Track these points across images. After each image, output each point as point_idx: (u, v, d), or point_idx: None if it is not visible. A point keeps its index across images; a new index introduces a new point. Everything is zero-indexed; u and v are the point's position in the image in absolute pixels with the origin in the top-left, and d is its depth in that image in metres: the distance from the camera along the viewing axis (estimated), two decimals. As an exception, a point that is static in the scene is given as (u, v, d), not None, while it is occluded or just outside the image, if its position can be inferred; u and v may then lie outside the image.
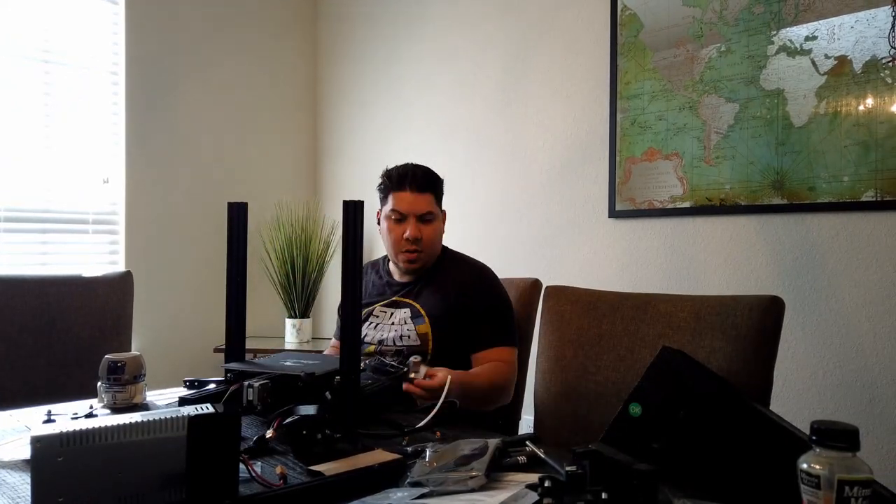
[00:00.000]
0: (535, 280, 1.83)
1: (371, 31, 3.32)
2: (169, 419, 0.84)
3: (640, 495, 0.78)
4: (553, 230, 2.56)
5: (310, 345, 3.16)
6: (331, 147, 3.56)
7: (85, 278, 2.03)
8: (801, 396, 1.94)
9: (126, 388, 1.37)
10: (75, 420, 1.01)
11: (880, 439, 1.81)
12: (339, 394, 1.21)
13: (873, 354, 1.83)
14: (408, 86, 3.13)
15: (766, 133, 2.00)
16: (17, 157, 2.71)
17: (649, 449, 0.95)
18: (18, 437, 1.11)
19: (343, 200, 1.26)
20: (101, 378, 1.37)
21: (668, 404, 0.99)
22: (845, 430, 0.69)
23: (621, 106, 2.33)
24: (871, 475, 0.68)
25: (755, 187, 2.03)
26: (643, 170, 2.27)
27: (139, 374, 1.39)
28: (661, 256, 2.26)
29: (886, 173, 1.79)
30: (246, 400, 1.19)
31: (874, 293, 1.83)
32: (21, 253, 2.72)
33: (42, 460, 0.77)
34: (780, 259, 2.00)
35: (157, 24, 3.05)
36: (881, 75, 1.80)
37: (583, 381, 1.54)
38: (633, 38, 2.30)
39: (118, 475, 0.80)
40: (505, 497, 0.88)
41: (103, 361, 1.38)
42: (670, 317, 1.47)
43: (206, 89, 3.21)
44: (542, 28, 2.61)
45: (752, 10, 2.04)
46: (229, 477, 0.85)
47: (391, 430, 1.20)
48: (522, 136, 2.67)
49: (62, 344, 1.93)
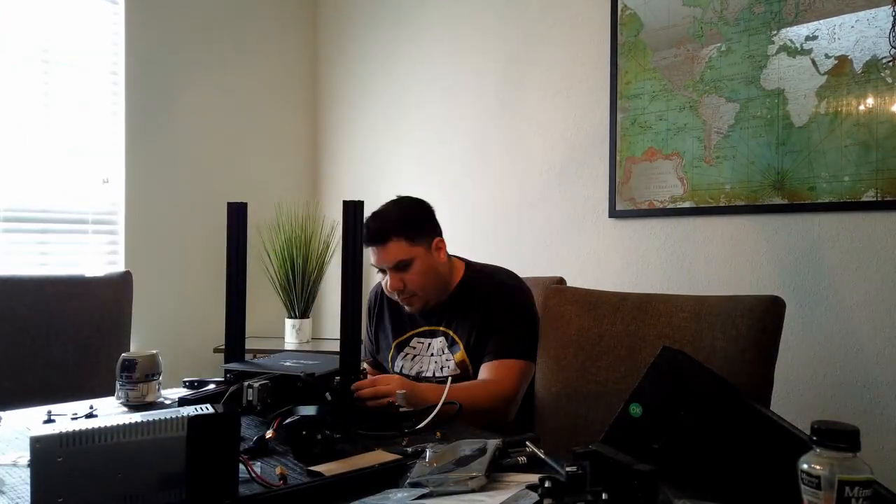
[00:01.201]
0: (559, 278, 1.82)
1: (371, 31, 3.31)
2: (169, 419, 0.84)
3: (640, 496, 0.78)
4: (553, 230, 2.56)
5: (309, 345, 3.16)
6: (331, 147, 3.56)
7: (84, 278, 2.03)
8: (801, 396, 1.94)
9: (137, 387, 1.39)
10: (75, 420, 1.01)
11: (881, 439, 1.81)
12: (339, 394, 1.21)
13: (874, 354, 1.83)
14: (408, 86, 3.13)
15: (767, 133, 2.00)
16: (17, 157, 2.71)
17: (649, 449, 0.94)
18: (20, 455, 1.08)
19: (343, 200, 1.26)
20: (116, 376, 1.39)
21: (669, 404, 0.99)
22: (846, 430, 0.69)
23: (621, 106, 2.33)
24: (871, 475, 0.68)
25: (755, 187, 2.03)
26: (643, 170, 2.27)
27: (151, 374, 1.40)
28: (662, 256, 2.26)
29: (887, 173, 1.79)
30: (246, 400, 1.19)
31: (875, 293, 1.83)
32: (20, 253, 2.72)
33: (42, 460, 0.77)
34: (781, 259, 2.00)
35: (157, 24, 3.05)
36: (881, 75, 1.80)
37: (583, 381, 1.53)
38: (634, 38, 2.30)
39: (118, 475, 0.80)
40: (505, 497, 0.88)
41: (119, 359, 1.40)
42: (671, 317, 1.47)
43: (206, 89, 3.21)
44: (542, 28, 2.61)
45: (752, 10, 2.04)
46: (229, 477, 0.85)
47: (391, 431, 1.20)
48: (522, 135, 2.67)
49: (61, 344, 1.93)
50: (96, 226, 2.92)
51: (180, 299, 3.11)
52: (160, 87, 3.06)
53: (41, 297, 1.93)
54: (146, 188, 3.01)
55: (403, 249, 1.62)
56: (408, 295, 1.66)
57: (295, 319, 3.18)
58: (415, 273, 1.63)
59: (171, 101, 3.10)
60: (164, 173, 3.07)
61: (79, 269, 2.74)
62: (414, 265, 1.63)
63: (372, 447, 1.07)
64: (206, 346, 3.04)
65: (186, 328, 3.10)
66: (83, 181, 2.88)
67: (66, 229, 2.84)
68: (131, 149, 2.97)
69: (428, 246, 1.67)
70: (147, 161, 3.02)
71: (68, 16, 2.83)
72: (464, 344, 1.65)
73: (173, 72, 3.10)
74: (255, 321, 3.33)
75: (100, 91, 2.92)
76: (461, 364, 1.65)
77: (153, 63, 3.03)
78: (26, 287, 1.93)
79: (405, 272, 1.63)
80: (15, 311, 1.90)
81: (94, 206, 2.91)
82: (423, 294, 1.67)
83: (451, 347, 1.68)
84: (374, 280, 1.86)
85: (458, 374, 1.63)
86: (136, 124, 2.98)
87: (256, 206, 3.31)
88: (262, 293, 3.19)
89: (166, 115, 3.08)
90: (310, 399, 1.15)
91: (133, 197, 2.98)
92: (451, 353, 1.67)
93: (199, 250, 3.13)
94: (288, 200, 3.36)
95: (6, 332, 1.87)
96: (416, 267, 1.63)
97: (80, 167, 2.87)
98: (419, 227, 1.68)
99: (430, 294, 1.68)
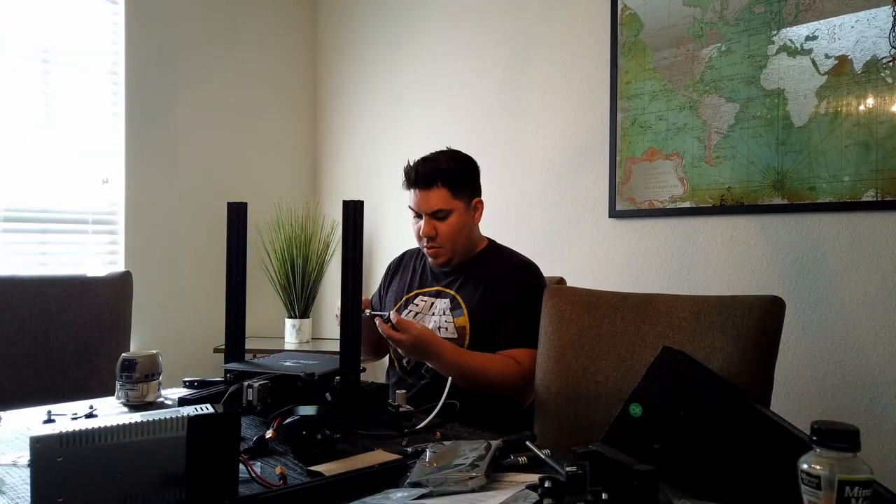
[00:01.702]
0: (559, 278, 1.82)
1: (371, 31, 3.31)
2: (169, 419, 0.84)
3: (640, 496, 0.78)
4: (553, 230, 2.56)
5: (310, 345, 3.16)
6: (331, 147, 3.56)
7: (84, 278, 2.02)
8: (801, 396, 1.94)
9: (137, 387, 1.39)
10: (75, 420, 1.01)
11: (881, 439, 1.81)
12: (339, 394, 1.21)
13: (874, 354, 1.83)
14: (408, 86, 3.13)
15: (767, 133, 2.00)
16: (17, 157, 2.71)
17: (650, 449, 0.95)
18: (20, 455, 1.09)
19: (343, 200, 1.26)
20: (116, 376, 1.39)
21: (669, 404, 0.99)
22: (846, 430, 0.69)
23: (621, 106, 2.33)
24: (871, 475, 0.68)
25: (755, 187, 2.03)
26: (643, 170, 2.27)
27: (151, 374, 1.40)
28: (662, 256, 2.26)
29: (887, 173, 1.79)
30: (246, 400, 1.19)
31: (875, 293, 1.83)
32: (20, 253, 2.72)
33: (42, 460, 0.77)
34: (781, 259, 2.00)
35: (157, 24, 3.05)
36: (881, 75, 1.80)
37: (583, 381, 1.53)
38: (634, 38, 2.30)
39: (118, 475, 0.80)
40: (505, 497, 0.87)
41: (119, 359, 1.40)
42: (671, 317, 1.47)
43: (206, 89, 3.21)
44: (542, 28, 2.61)
45: (752, 10, 2.04)
46: (229, 477, 0.84)
47: (391, 431, 1.20)
48: (522, 135, 2.67)
49: (61, 344, 1.93)
50: (96, 226, 2.92)
51: (180, 299, 3.11)
52: (160, 87, 3.06)
53: (41, 297, 1.93)
54: (146, 188, 3.01)
55: (445, 199, 1.67)
56: (437, 245, 1.69)
57: (295, 319, 3.17)
58: (450, 225, 1.67)
59: (171, 101, 3.10)
60: (164, 173, 3.07)
61: (79, 269, 2.74)
62: (451, 217, 1.67)
63: (372, 447, 1.07)
64: (206, 346, 3.04)
65: (186, 328, 3.10)
66: (83, 181, 2.88)
67: (66, 229, 2.84)
68: (131, 149, 2.97)
69: (468, 203, 1.72)
70: (147, 161, 3.02)
71: (68, 16, 2.83)
72: (468, 310, 1.66)
73: (173, 72, 3.10)
74: (255, 321, 3.33)
75: (100, 91, 2.92)
76: (461, 329, 1.65)
77: (153, 63, 3.03)
78: (26, 287, 1.93)
79: (441, 222, 1.67)
80: (15, 311, 1.90)
81: (94, 206, 2.91)
82: (450, 247, 1.69)
83: (453, 311, 1.68)
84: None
85: (455, 338, 1.64)
86: (136, 124, 2.98)
87: (256, 206, 3.31)
88: (262, 293, 3.19)
89: (166, 115, 3.08)
90: (310, 399, 1.15)
91: (133, 197, 2.98)
92: (453, 315, 1.68)
93: (199, 250, 3.13)
94: (288, 200, 3.36)
95: (6, 332, 1.87)
96: (453, 220, 1.67)
97: (80, 167, 2.87)
98: (465, 181, 1.71)
99: (457, 250, 1.71)
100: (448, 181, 1.68)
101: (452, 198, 1.68)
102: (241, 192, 3.28)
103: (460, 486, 0.92)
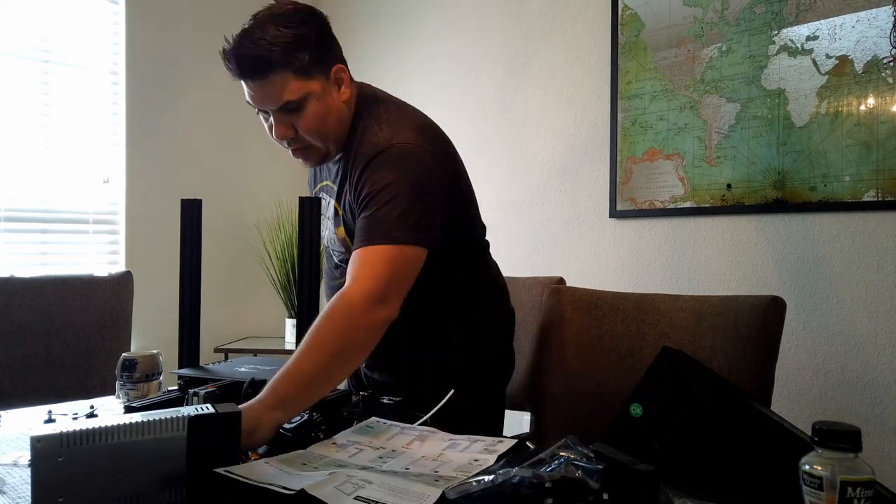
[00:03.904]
0: (559, 278, 1.80)
1: (371, 31, 3.31)
2: (169, 419, 0.84)
3: (641, 496, 0.78)
4: (553, 230, 2.56)
5: (310, 345, 3.15)
6: (331, 147, 3.55)
7: (84, 278, 2.02)
8: (802, 397, 1.94)
9: (138, 387, 1.38)
10: (75, 420, 1.01)
11: (882, 440, 1.81)
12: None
13: (875, 355, 1.83)
14: (407, 85, 3.13)
15: (768, 133, 2.00)
16: (17, 157, 2.70)
17: (650, 449, 0.94)
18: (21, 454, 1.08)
19: (299, 197, 1.18)
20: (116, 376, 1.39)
21: (669, 405, 0.98)
22: (847, 431, 0.69)
23: (622, 106, 2.33)
24: (873, 476, 0.68)
25: (756, 187, 2.03)
26: (644, 170, 2.27)
27: (152, 374, 1.40)
28: (662, 256, 2.26)
29: (888, 173, 1.79)
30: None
31: (876, 293, 1.83)
32: (21, 253, 2.72)
33: (42, 460, 0.76)
34: (781, 259, 2.00)
35: (157, 24, 3.04)
36: (882, 75, 1.80)
37: (583, 381, 1.53)
38: (634, 38, 2.30)
39: (118, 475, 0.80)
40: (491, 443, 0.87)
41: (120, 359, 1.40)
42: (671, 317, 1.47)
43: (206, 89, 3.21)
44: (542, 28, 2.61)
45: (753, 10, 2.04)
46: (229, 477, 0.84)
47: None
48: (523, 135, 2.67)
49: (61, 344, 1.93)
50: (97, 226, 2.92)
51: (180, 299, 3.10)
52: (160, 87, 3.05)
53: (41, 297, 1.93)
54: (146, 188, 3.01)
55: (291, 86, 1.18)
56: (301, 145, 1.26)
57: (295, 319, 3.17)
58: (308, 117, 1.21)
59: (171, 101, 3.10)
60: (164, 173, 3.07)
61: (79, 269, 2.74)
62: (307, 106, 1.21)
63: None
64: (206, 345, 3.03)
65: (186, 328, 3.09)
66: (83, 181, 2.88)
67: (67, 229, 2.84)
68: (131, 149, 2.97)
69: (326, 77, 1.24)
70: (147, 161, 3.01)
71: (68, 16, 2.83)
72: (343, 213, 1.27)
73: (173, 72, 3.10)
74: (256, 321, 3.34)
75: (100, 91, 2.92)
76: (344, 243, 1.28)
77: (153, 63, 3.03)
78: (26, 287, 1.93)
79: (296, 114, 1.21)
80: (15, 311, 1.90)
81: (94, 205, 2.91)
82: (320, 142, 1.25)
83: (335, 217, 1.32)
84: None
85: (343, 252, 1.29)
86: (136, 124, 2.98)
87: (257, 205, 3.34)
88: (262, 293, 3.19)
89: (166, 115, 3.08)
90: None
91: (133, 197, 2.97)
92: (334, 224, 1.32)
93: (199, 250, 3.13)
94: (288, 200, 3.36)
95: (6, 332, 1.87)
96: (311, 108, 1.21)
97: (80, 167, 2.86)
98: (311, 50, 1.19)
99: (330, 142, 1.27)
100: (286, 60, 1.17)
101: (303, 80, 1.19)
102: (242, 192, 3.30)
103: None
